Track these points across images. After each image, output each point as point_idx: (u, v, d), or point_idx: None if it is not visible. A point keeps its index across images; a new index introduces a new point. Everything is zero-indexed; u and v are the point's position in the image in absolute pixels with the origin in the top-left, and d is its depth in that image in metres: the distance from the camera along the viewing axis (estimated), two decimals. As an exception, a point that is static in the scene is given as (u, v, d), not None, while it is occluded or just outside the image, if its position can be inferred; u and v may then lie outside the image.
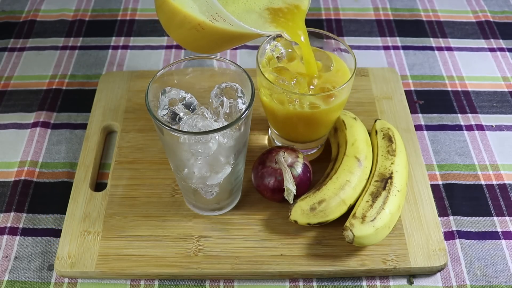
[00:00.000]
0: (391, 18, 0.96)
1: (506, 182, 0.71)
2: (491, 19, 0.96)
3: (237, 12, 0.59)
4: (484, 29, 0.94)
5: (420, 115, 0.79)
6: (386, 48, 0.90)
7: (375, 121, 0.71)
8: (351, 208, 0.63)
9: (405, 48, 0.90)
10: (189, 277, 0.61)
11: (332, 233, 0.63)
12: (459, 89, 0.83)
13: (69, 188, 0.69)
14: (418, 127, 0.77)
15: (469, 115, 0.80)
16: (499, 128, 0.78)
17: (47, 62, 0.87)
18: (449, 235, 0.66)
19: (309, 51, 0.61)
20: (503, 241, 0.65)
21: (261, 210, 0.66)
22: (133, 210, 0.66)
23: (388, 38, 0.92)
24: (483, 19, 0.96)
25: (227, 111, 0.57)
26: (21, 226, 0.66)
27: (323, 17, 0.96)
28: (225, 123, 0.56)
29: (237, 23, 0.53)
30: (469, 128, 0.78)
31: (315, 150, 0.72)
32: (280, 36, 0.61)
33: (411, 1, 1.00)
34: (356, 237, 0.59)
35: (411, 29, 0.94)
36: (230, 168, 0.58)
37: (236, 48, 0.89)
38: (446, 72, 0.86)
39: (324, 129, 0.68)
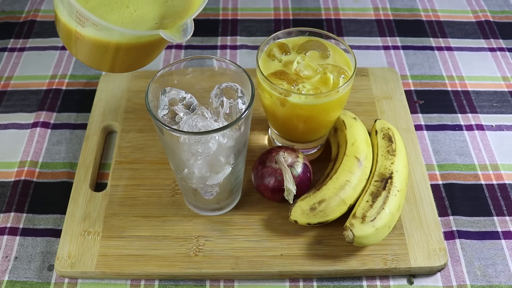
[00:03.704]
0: (391, 18, 0.96)
1: (506, 182, 0.71)
2: (491, 19, 0.96)
3: (122, 22, 0.53)
4: (484, 29, 0.94)
5: (420, 115, 0.79)
6: (386, 48, 0.90)
7: (375, 121, 0.71)
8: (351, 208, 0.63)
9: (405, 48, 0.90)
10: (189, 277, 0.61)
11: (332, 233, 0.63)
12: (459, 89, 0.84)
13: (69, 188, 0.69)
14: (418, 127, 0.77)
15: (469, 115, 0.80)
16: (499, 128, 0.78)
17: (47, 62, 0.87)
18: (449, 235, 0.66)
19: None
20: (503, 241, 0.65)
21: (261, 210, 0.66)
22: (133, 210, 0.66)
23: (388, 38, 0.92)
24: (483, 19, 0.96)
25: (227, 111, 0.57)
26: (21, 226, 0.66)
27: (323, 17, 0.96)
28: (225, 123, 0.56)
29: (100, 22, 0.47)
30: (469, 128, 0.78)
31: (315, 150, 0.72)
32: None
33: (411, 1, 1.00)
34: (356, 237, 0.59)
35: (411, 29, 0.94)
36: (230, 168, 0.58)
37: (236, 48, 0.90)
38: (446, 72, 0.86)
39: (324, 129, 0.68)
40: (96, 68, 0.57)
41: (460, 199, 0.69)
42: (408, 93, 0.82)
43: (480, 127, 0.78)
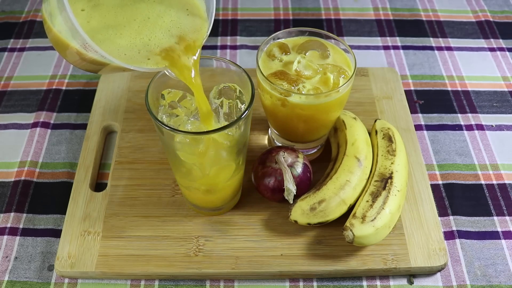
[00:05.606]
0: (391, 18, 0.96)
1: (506, 182, 0.71)
2: (491, 19, 0.96)
3: (138, 50, 0.51)
4: (484, 29, 0.94)
5: (420, 115, 0.79)
6: (386, 48, 0.90)
7: (375, 121, 0.71)
8: (351, 208, 0.63)
9: (405, 48, 0.90)
10: (189, 277, 0.61)
11: (332, 233, 0.63)
12: (459, 89, 0.84)
13: (69, 188, 0.69)
14: (418, 127, 0.77)
15: (469, 115, 0.80)
16: (499, 128, 0.78)
17: (47, 62, 0.87)
18: (449, 235, 0.66)
19: (200, 92, 0.54)
20: (503, 241, 0.65)
21: (261, 210, 0.66)
22: (133, 210, 0.66)
23: (388, 38, 0.92)
24: (483, 19, 0.96)
25: (227, 111, 0.57)
26: (21, 226, 0.66)
27: (323, 17, 0.96)
28: (225, 123, 0.56)
29: (108, 57, 0.46)
30: (469, 128, 0.78)
31: (315, 150, 0.72)
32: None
33: (411, 1, 1.00)
34: (356, 237, 0.59)
35: (411, 29, 0.94)
36: (230, 168, 0.58)
37: (236, 48, 0.89)
38: (446, 72, 0.86)
39: (324, 129, 0.68)
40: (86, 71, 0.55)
41: (460, 199, 0.69)
42: (408, 93, 0.82)
43: (480, 127, 0.78)
